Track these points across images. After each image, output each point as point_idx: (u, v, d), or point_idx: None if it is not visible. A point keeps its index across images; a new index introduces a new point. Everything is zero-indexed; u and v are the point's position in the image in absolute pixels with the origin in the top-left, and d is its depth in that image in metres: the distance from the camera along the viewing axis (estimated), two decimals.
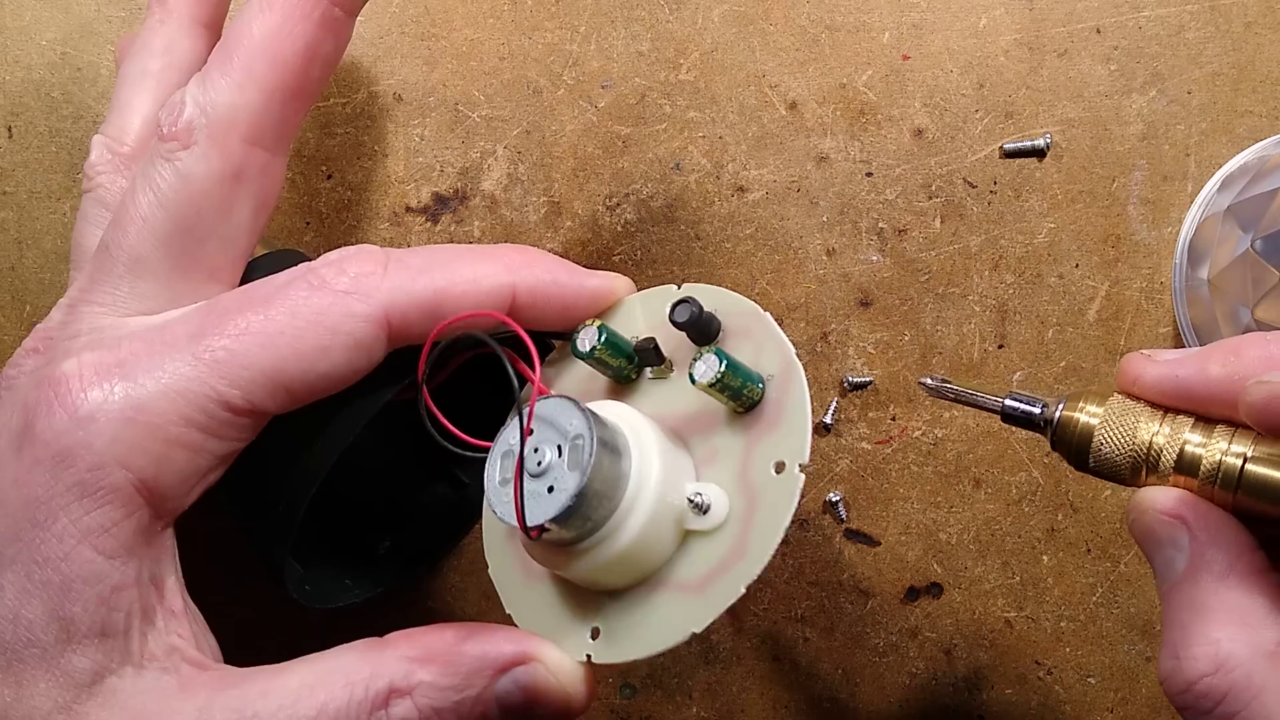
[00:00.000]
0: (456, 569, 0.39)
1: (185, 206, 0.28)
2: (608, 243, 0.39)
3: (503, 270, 0.29)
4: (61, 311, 0.28)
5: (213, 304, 0.27)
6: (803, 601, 0.39)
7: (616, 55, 0.39)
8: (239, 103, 0.28)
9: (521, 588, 0.30)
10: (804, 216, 0.39)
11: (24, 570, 0.25)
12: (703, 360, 0.27)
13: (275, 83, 0.28)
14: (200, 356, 0.26)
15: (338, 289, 0.27)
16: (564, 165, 0.39)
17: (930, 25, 0.38)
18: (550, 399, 0.27)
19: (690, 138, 0.39)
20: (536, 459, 0.26)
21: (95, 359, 0.26)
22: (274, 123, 0.29)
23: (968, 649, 0.39)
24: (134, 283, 0.28)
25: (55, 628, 0.25)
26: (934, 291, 0.38)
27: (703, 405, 0.29)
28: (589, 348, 0.29)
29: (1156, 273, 0.38)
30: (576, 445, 0.26)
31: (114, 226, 0.28)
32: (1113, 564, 0.38)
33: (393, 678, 0.26)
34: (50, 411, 0.25)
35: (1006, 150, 0.38)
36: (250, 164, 0.28)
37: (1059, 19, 0.38)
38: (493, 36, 0.39)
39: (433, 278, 0.28)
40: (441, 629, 0.28)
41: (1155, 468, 0.27)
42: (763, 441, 0.28)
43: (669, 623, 0.27)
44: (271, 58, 0.28)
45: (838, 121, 0.39)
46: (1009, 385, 0.38)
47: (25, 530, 0.25)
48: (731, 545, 0.27)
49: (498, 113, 0.39)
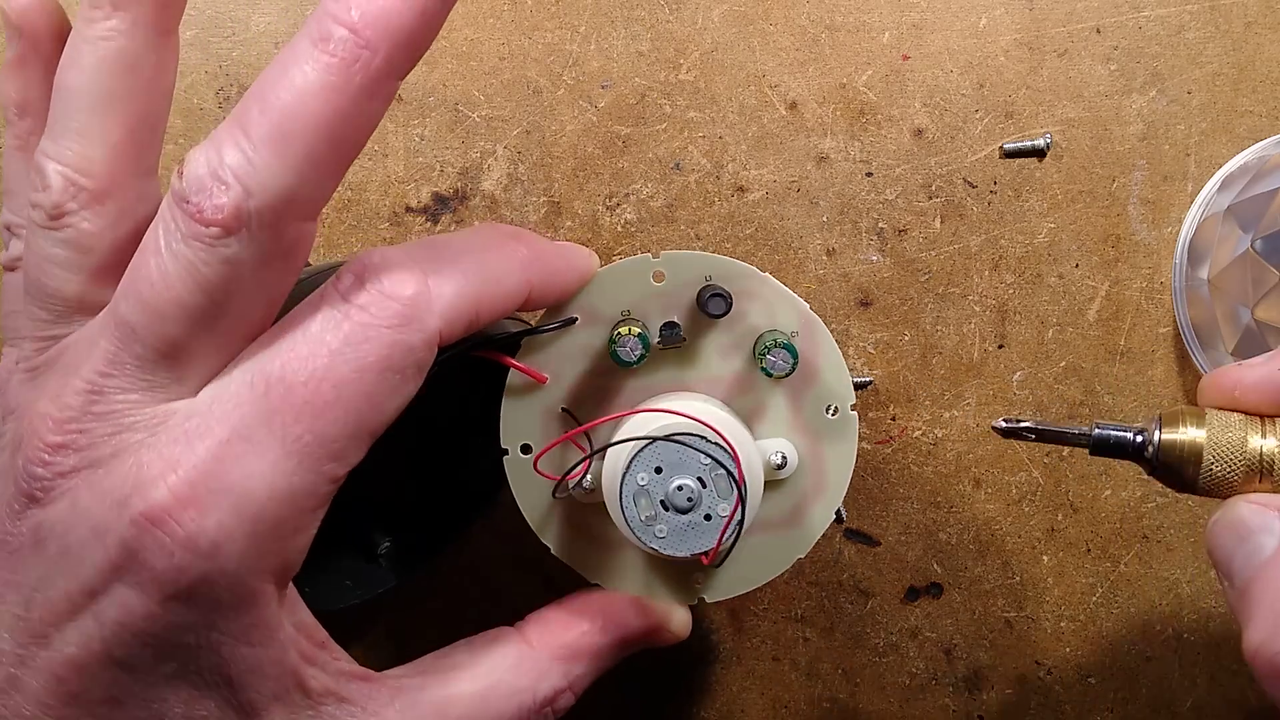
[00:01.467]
0: (456, 569, 0.39)
1: (232, 291, 0.25)
2: (608, 243, 0.39)
3: (520, 267, 0.28)
4: (80, 397, 0.25)
5: (264, 374, 0.25)
6: (803, 601, 0.39)
7: (616, 55, 0.39)
8: (296, 185, 0.24)
9: (604, 559, 0.32)
10: (804, 216, 0.39)
11: (186, 682, 0.25)
12: (774, 355, 0.31)
13: (334, 163, 0.25)
14: (290, 449, 0.24)
15: (389, 323, 0.25)
16: (564, 165, 0.39)
17: (930, 25, 0.38)
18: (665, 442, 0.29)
19: (690, 138, 0.39)
20: (684, 496, 0.29)
21: (183, 480, 0.24)
22: (326, 196, 0.26)
23: (968, 649, 0.39)
24: (170, 367, 0.25)
25: (233, 714, 0.26)
26: (934, 291, 0.38)
27: (737, 370, 0.32)
28: (638, 356, 0.31)
29: (1156, 273, 0.38)
30: (718, 475, 0.29)
31: (139, 306, 0.25)
32: (1113, 564, 0.38)
33: (555, 683, 0.29)
34: (167, 552, 0.24)
35: (1006, 150, 0.38)
36: (302, 239, 0.26)
37: (1059, 19, 0.38)
38: (493, 36, 0.39)
39: (470, 288, 0.27)
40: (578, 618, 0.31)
41: (1270, 473, 0.27)
42: (806, 392, 0.32)
43: (771, 556, 0.32)
44: (335, 140, 0.24)
45: (838, 121, 0.39)
46: (1009, 385, 0.39)
47: (175, 652, 0.25)
48: (810, 483, 0.32)
49: (498, 113, 0.39)
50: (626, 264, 0.31)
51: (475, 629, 0.30)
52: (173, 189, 0.25)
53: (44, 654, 0.25)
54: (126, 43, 0.26)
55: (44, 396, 0.25)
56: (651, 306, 0.31)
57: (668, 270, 0.31)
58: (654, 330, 0.31)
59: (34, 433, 0.25)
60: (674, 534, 0.29)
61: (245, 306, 0.25)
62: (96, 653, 0.24)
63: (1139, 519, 0.38)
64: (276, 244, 0.25)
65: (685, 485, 0.29)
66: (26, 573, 0.25)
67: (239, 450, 0.24)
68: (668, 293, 0.31)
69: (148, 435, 0.25)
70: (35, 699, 0.25)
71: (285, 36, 0.39)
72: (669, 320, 0.31)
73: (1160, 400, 0.38)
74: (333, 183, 0.25)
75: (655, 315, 0.31)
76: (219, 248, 0.24)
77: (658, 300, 0.31)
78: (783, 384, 0.32)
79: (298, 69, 0.24)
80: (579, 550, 0.32)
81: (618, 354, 0.30)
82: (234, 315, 0.25)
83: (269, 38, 0.39)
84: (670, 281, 0.31)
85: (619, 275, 0.31)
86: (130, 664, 0.25)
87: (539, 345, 0.31)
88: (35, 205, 0.26)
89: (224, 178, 0.24)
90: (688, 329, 0.31)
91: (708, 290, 0.30)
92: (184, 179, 0.24)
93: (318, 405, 0.24)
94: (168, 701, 0.25)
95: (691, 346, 0.32)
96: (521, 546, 0.39)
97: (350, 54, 0.24)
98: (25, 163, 0.29)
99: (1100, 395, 0.38)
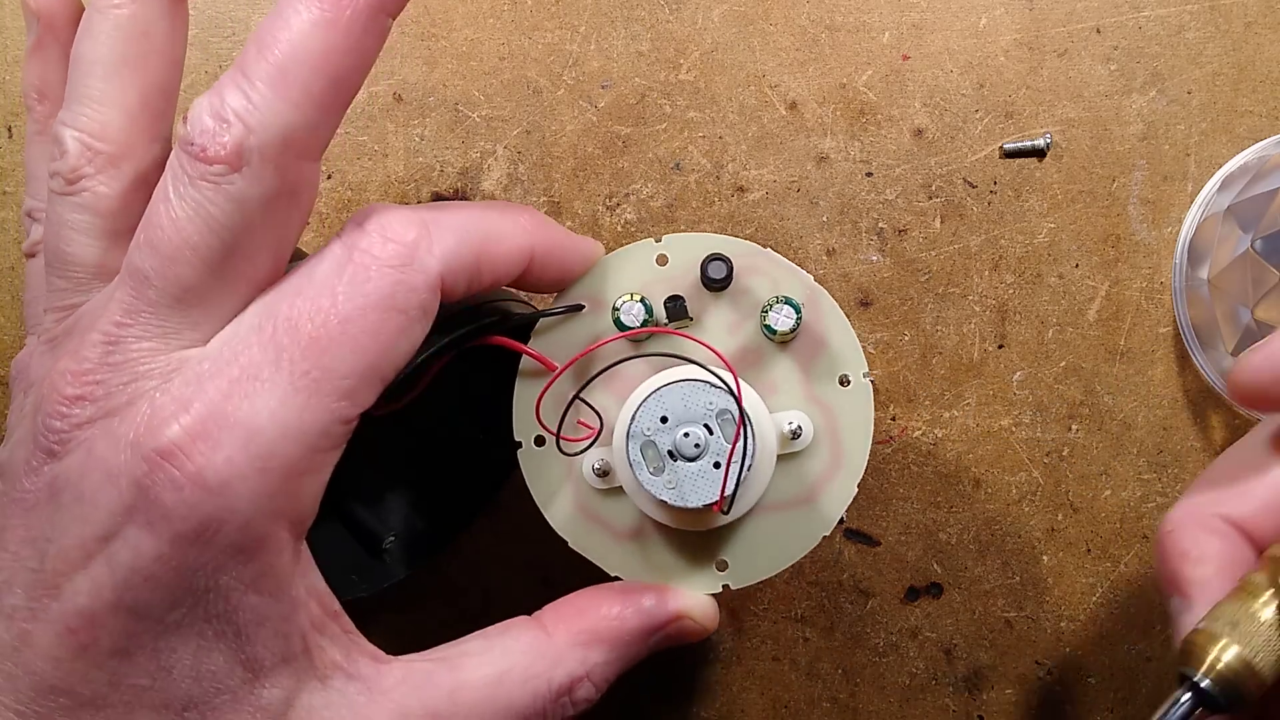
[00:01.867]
0: (457, 568, 0.39)
1: (239, 230, 0.25)
2: (608, 243, 0.39)
3: (522, 231, 0.29)
4: (97, 349, 0.25)
5: (272, 316, 0.26)
6: (803, 601, 0.39)
7: (616, 55, 0.39)
8: (295, 122, 0.25)
9: (620, 549, 0.32)
10: (804, 216, 0.39)
11: (194, 630, 0.25)
12: (775, 311, 0.30)
13: (332, 100, 0.26)
14: (298, 385, 0.25)
15: (391, 264, 0.26)
16: (564, 165, 0.39)
17: (930, 25, 0.38)
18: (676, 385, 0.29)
19: (690, 138, 0.39)
20: (692, 442, 0.29)
21: (195, 419, 0.24)
22: (326, 135, 0.27)
23: (968, 649, 0.39)
24: (185, 312, 0.26)
25: (240, 670, 0.25)
26: (934, 291, 0.38)
27: (746, 342, 0.31)
28: (640, 321, 0.31)
29: (1156, 273, 0.38)
30: (725, 419, 0.29)
31: (151, 252, 0.25)
32: (1113, 564, 0.38)
33: (571, 669, 0.29)
34: (177, 488, 0.24)
35: (1006, 150, 0.38)
36: (304, 179, 0.26)
37: (1059, 19, 0.38)
38: (493, 36, 0.39)
39: (471, 239, 0.27)
40: (594, 603, 0.30)
41: None
42: (815, 362, 0.31)
43: (794, 536, 0.32)
44: (331, 76, 0.25)
45: (838, 121, 0.39)
46: (1009, 385, 0.39)
47: (184, 596, 0.25)
48: (827, 458, 0.31)
49: (498, 113, 0.39)
50: (629, 249, 0.31)
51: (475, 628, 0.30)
52: (178, 136, 0.25)
53: (55, 605, 0.25)
54: (139, 9, 0.27)
55: (64, 356, 0.26)
56: (656, 290, 0.31)
57: (670, 253, 0.31)
58: (658, 311, 0.31)
59: (53, 389, 0.25)
60: (683, 484, 0.29)
61: (254, 247, 0.26)
62: (108, 600, 0.25)
63: (1139, 519, 0.38)
64: (281, 181, 0.25)
65: (692, 432, 0.29)
66: (42, 526, 0.25)
67: (247, 388, 0.25)
68: (671, 275, 0.31)
69: (163, 381, 0.25)
70: (46, 654, 0.25)
71: None
72: (673, 294, 0.31)
73: (1160, 400, 0.38)
74: (333, 120, 0.26)
75: (660, 297, 0.31)
76: (225, 185, 0.25)
77: (662, 284, 0.31)
78: (792, 354, 0.31)
79: (292, 10, 0.25)
80: (594, 541, 0.32)
81: (620, 320, 0.31)
82: (243, 256, 0.26)
83: None
84: (673, 264, 0.31)
85: (622, 261, 0.31)
86: (140, 609, 0.25)
87: (547, 333, 0.32)
88: (54, 174, 0.27)
89: (226, 117, 0.25)
90: (694, 308, 0.31)
91: (709, 257, 0.30)
92: (189, 123, 0.25)
93: (323, 342, 0.25)
94: (176, 652, 0.25)
95: (698, 323, 0.32)
96: (521, 546, 0.39)
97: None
98: (44, 148, 0.31)
99: (1100, 395, 0.38)
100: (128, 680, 0.25)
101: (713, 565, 0.32)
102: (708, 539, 0.32)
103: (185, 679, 0.25)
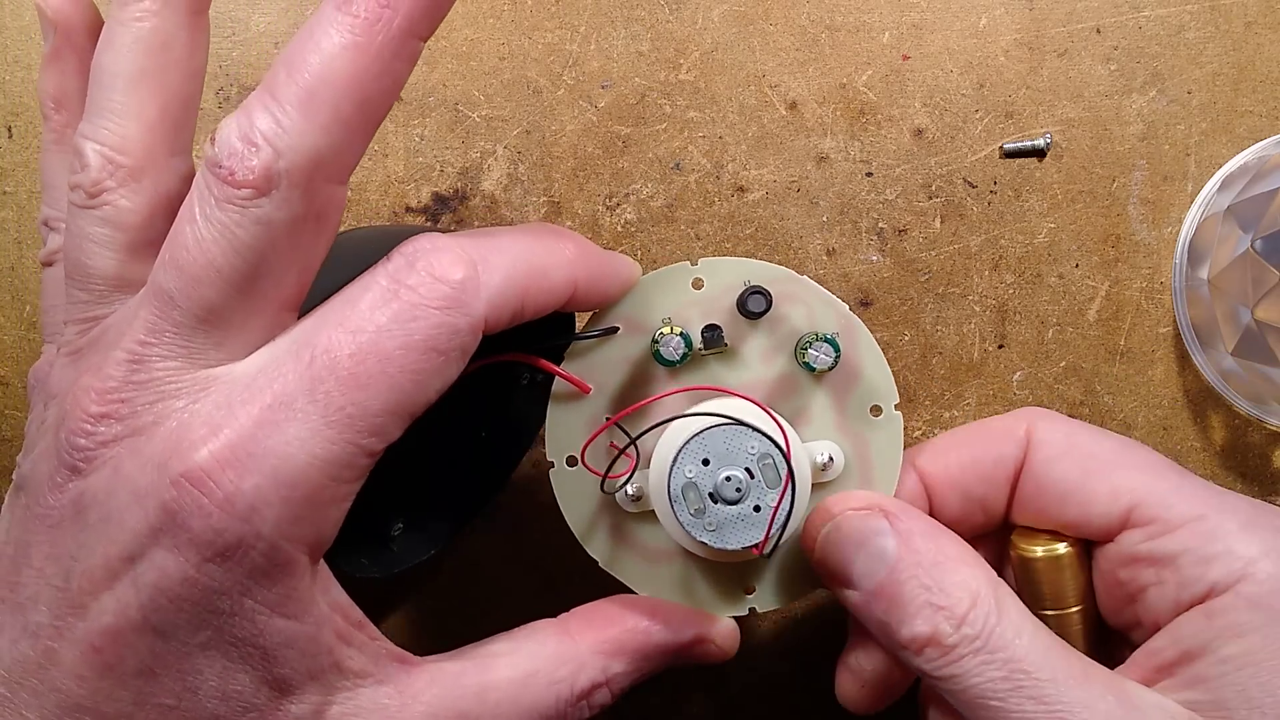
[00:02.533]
0: (457, 568, 0.39)
1: (265, 253, 0.25)
2: (608, 243, 0.39)
3: (567, 264, 0.28)
4: (122, 367, 0.25)
5: (311, 345, 0.25)
6: (803, 601, 0.39)
7: (616, 55, 0.39)
8: (324, 146, 0.25)
9: (650, 570, 0.32)
10: (804, 216, 0.39)
11: (220, 652, 0.25)
12: (815, 349, 0.31)
13: (362, 124, 0.26)
14: (331, 419, 0.25)
15: (437, 304, 0.25)
16: (564, 165, 0.39)
17: (930, 25, 0.38)
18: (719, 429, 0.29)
19: (690, 138, 0.39)
20: (733, 486, 0.29)
21: (223, 444, 0.24)
22: (355, 159, 0.26)
23: None
24: (209, 332, 0.26)
25: (266, 690, 0.26)
26: (934, 291, 0.38)
27: (781, 372, 0.32)
28: (680, 355, 0.31)
29: (1156, 273, 0.38)
30: (766, 464, 0.29)
31: (176, 273, 0.25)
32: None
33: (593, 676, 0.29)
34: (205, 513, 0.24)
35: (1006, 150, 0.38)
36: (331, 202, 0.26)
37: (1059, 19, 0.38)
38: (493, 36, 0.39)
39: (518, 277, 0.27)
40: (622, 614, 0.31)
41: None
42: (849, 393, 0.32)
43: None
44: (360, 100, 0.25)
45: (838, 121, 0.39)
46: (1009, 385, 0.39)
47: (209, 618, 0.25)
48: (856, 485, 0.32)
49: (498, 113, 0.39)
50: (665, 272, 0.32)
51: (475, 629, 0.30)
52: (205, 157, 0.25)
53: (81, 625, 0.25)
54: (159, 22, 0.27)
55: (87, 372, 0.26)
56: (691, 313, 0.31)
57: (706, 277, 0.32)
58: (695, 335, 0.31)
59: (77, 405, 0.25)
60: (723, 527, 0.29)
61: (279, 270, 0.26)
62: (133, 620, 0.25)
63: None
64: (308, 205, 0.25)
65: (733, 476, 0.29)
66: (67, 544, 0.25)
67: (280, 416, 0.25)
68: (707, 299, 0.32)
69: (190, 401, 0.25)
70: (71, 672, 0.25)
71: (285, 36, 0.39)
72: (710, 323, 0.31)
73: (1160, 400, 0.38)
74: (361, 144, 0.26)
75: (695, 321, 0.31)
76: (252, 209, 0.25)
77: (697, 307, 0.31)
78: (826, 385, 0.32)
79: (323, 33, 0.25)
80: (625, 561, 0.32)
81: (660, 354, 0.31)
82: (269, 279, 0.26)
83: (269, 38, 0.39)
84: (709, 288, 0.32)
85: (658, 283, 0.32)
86: (166, 630, 0.25)
87: (581, 355, 0.32)
88: (75, 186, 0.27)
89: (255, 140, 0.25)
90: (729, 334, 0.31)
91: (748, 290, 0.31)
92: (216, 145, 0.25)
93: (361, 378, 0.25)
94: (202, 674, 0.25)
95: (734, 351, 0.32)
96: (521, 546, 0.39)
97: (372, 13, 0.25)
98: (60, 157, 0.31)
99: (1100, 395, 0.38)
100: (153, 700, 0.25)
101: (740, 589, 0.32)
102: (737, 564, 0.32)
103: (211, 699, 0.25)
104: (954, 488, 0.32)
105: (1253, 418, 0.37)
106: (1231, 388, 0.36)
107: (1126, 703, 0.27)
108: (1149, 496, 0.30)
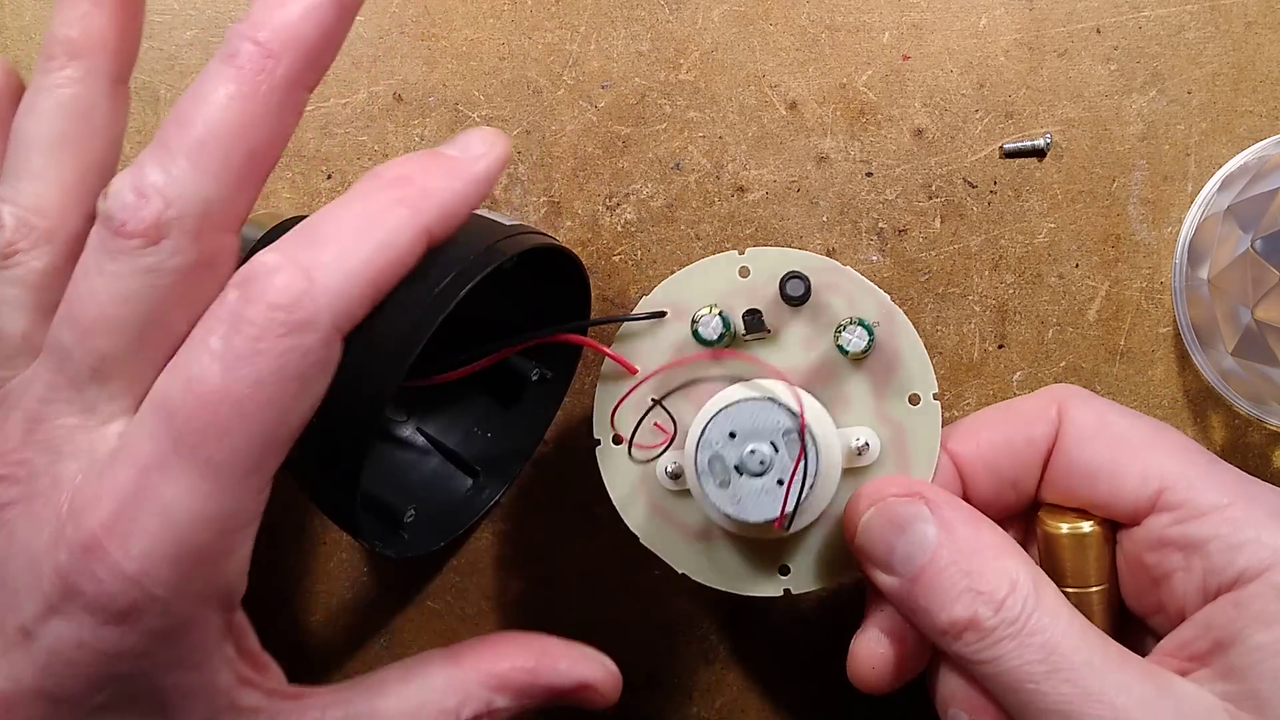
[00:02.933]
0: (457, 568, 0.40)
1: (157, 302, 0.25)
2: (608, 243, 0.39)
3: (408, 222, 0.27)
4: (20, 428, 0.26)
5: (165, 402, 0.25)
6: (803, 600, 0.39)
7: (616, 55, 0.39)
8: (214, 194, 0.25)
9: (689, 548, 0.33)
10: (804, 216, 0.39)
11: (118, 711, 0.25)
12: (849, 332, 0.32)
13: (251, 173, 0.26)
14: (204, 473, 0.25)
15: (278, 333, 0.25)
16: (564, 165, 0.39)
17: (930, 25, 0.38)
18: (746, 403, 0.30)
19: (690, 138, 0.39)
20: (758, 459, 0.30)
21: (109, 512, 0.24)
22: (245, 208, 0.26)
23: None
24: (103, 385, 0.26)
25: None
26: (934, 291, 0.38)
27: (820, 358, 0.32)
28: (718, 335, 0.32)
29: (1156, 273, 0.38)
30: (790, 439, 0.29)
31: (70, 326, 0.25)
32: None
33: (477, 707, 0.30)
34: (96, 580, 0.24)
35: (1006, 150, 0.38)
36: (223, 249, 0.26)
37: (1059, 19, 0.38)
38: (493, 36, 0.39)
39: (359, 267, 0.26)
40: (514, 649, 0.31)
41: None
42: (887, 380, 0.32)
43: None
44: (248, 150, 0.25)
45: (838, 121, 0.39)
46: (1009, 385, 0.39)
47: (107, 682, 0.25)
48: (893, 474, 0.32)
49: (498, 113, 0.39)
50: (714, 260, 0.33)
51: (474, 629, 0.30)
52: (99, 211, 0.25)
53: None
54: (81, 90, 0.27)
55: None
56: (736, 300, 0.33)
57: (752, 265, 0.33)
58: (737, 321, 0.32)
59: None
60: (747, 499, 0.30)
61: (172, 318, 0.26)
62: (27, 687, 0.25)
63: None
64: (199, 253, 0.25)
65: (758, 450, 0.30)
66: None
67: (156, 480, 0.25)
68: (752, 287, 0.33)
69: (85, 464, 0.25)
70: None
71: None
72: (752, 308, 0.32)
73: (1160, 400, 0.38)
74: (251, 192, 0.26)
75: (739, 308, 0.33)
76: (142, 258, 0.25)
77: (742, 295, 0.33)
78: (864, 372, 0.32)
79: (210, 86, 0.25)
80: (664, 539, 0.33)
81: (699, 333, 0.32)
82: (161, 327, 0.26)
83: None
84: (755, 276, 0.33)
85: (706, 271, 0.33)
86: (60, 696, 0.25)
87: (629, 337, 0.33)
88: None
89: (145, 192, 0.25)
90: (772, 321, 0.32)
91: (788, 275, 0.32)
92: (109, 199, 0.25)
93: (220, 427, 0.25)
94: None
95: (775, 337, 0.33)
96: (522, 546, 0.39)
97: (256, 64, 0.25)
98: None
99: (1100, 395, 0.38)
100: None
101: (775, 570, 0.33)
102: (772, 544, 0.33)
103: None
104: (986, 469, 0.33)
105: (1253, 418, 0.37)
106: (1231, 388, 0.36)
107: (1164, 691, 0.27)
108: (1179, 481, 0.30)
